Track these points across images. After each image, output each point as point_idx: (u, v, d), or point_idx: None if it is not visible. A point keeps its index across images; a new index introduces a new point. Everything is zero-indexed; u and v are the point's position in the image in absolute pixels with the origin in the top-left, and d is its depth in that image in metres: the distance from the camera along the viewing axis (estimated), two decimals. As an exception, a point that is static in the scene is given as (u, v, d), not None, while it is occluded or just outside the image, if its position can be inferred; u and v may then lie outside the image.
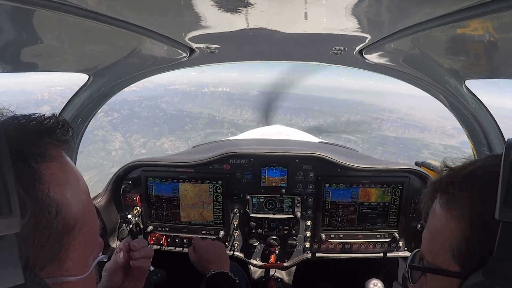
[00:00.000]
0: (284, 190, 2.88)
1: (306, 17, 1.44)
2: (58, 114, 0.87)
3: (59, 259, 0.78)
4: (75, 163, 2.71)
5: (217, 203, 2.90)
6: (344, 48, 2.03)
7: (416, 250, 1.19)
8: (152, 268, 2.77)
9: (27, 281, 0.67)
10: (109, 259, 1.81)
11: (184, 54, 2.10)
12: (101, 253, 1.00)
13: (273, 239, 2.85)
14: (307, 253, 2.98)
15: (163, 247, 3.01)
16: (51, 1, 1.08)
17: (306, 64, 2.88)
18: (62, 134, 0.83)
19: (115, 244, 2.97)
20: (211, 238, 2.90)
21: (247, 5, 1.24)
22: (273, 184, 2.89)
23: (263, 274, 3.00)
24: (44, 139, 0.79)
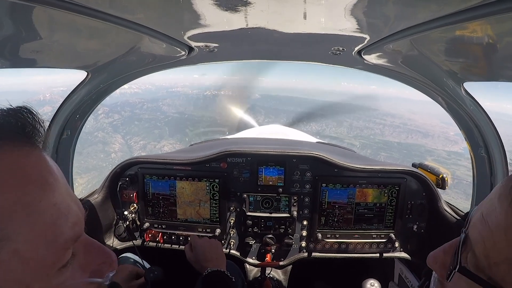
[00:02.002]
0: (281, 189, 2.88)
1: (305, 17, 1.44)
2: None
3: None
4: (70, 162, 2.74)
5: (214, 201, 2.91)
6: (343, 49, 2.03)
7: (461, 238, 0.88)
8: (148, 265, 2.77)
9: None
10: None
11: (183, 53, 2.10)
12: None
13: (269, 238, 2.86)
14: (303, 252, 2.99)
15: (159, 244, 3.02)
16: None
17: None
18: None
19: (111, 240, 2.97)
20: (207, 236, 2.90)
21: (247, 4, 1.24)
22: (270, 183, 2.89)
23: (259, 273, 3.01)
24: None
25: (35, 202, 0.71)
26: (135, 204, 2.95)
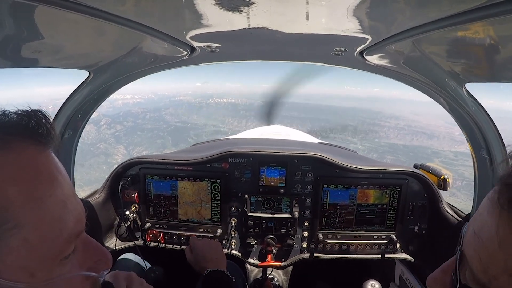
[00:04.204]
0: (282, 190, 2.88)
1: (307, 18, 1.44)
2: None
3: None
4: (72, 162, 2.73)
5: (215, 202, 2.91)
6: (345, 49, 2.02)
7: (457, 256, 0.90)
8: (149, 265, 2.77)
9: None
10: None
11: (185, 53, 2.10)
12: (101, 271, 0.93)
13: (271, 238, 2.86)
14: (305, 253, 2.99)
15: (161, 244, 3.02)
16: None
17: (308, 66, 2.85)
18: (12, 127, 0.77)
19: (112, 240, 2.97)
20: (208, 236, 2.91)
21: (249, 4, 1.24)
22: (272, 183, 2.89)
23: (260, 274, 3.01)
24: None
25: (45, 197, 0.77)
26: (136, 204, 2.95)
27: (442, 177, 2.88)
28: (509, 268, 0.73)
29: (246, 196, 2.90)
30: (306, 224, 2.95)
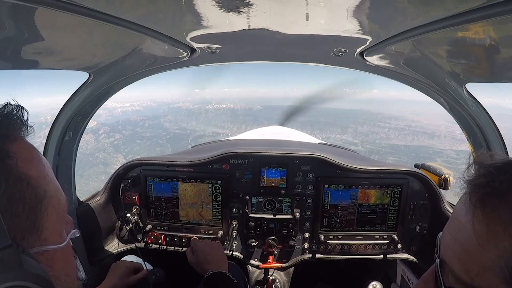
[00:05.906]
0: (283, 191, 2.88)
1: (307, 18, 1.44)
2: (10, 102, 0.93)
3: (36, 228, 0.85)
4: (73, 164, 2.73)
5: (216, 203, 2.91)
6: (345, 50, 2.02)
7: (436, 264, 0.93)
8: (150, 267, 2.77)
9: (12, 247, 0.74)
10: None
11: (185, 54, 2.10)
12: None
13: (272, 239, 2.85)
14: (306, 254, 2.99)
15: (162, 246, 3.02)
16: None
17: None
18: (19, 117, 0.92)
19: (114, 242, 2.96)
20: (209, 238, 2.91)
21: (249, 5, 1.24)
22: (273, 184, 2.89)
23: (262, 275, 3.00)
24: (5, 122, 0.88)
25: (48, 170, 0.93)
26: (137, 206, 2.95)
27: (443, 177, 2.88)
28: (490, 263, 0.77)
29: (247, 197, 2.89)
30: (307, 225, 2.95)
